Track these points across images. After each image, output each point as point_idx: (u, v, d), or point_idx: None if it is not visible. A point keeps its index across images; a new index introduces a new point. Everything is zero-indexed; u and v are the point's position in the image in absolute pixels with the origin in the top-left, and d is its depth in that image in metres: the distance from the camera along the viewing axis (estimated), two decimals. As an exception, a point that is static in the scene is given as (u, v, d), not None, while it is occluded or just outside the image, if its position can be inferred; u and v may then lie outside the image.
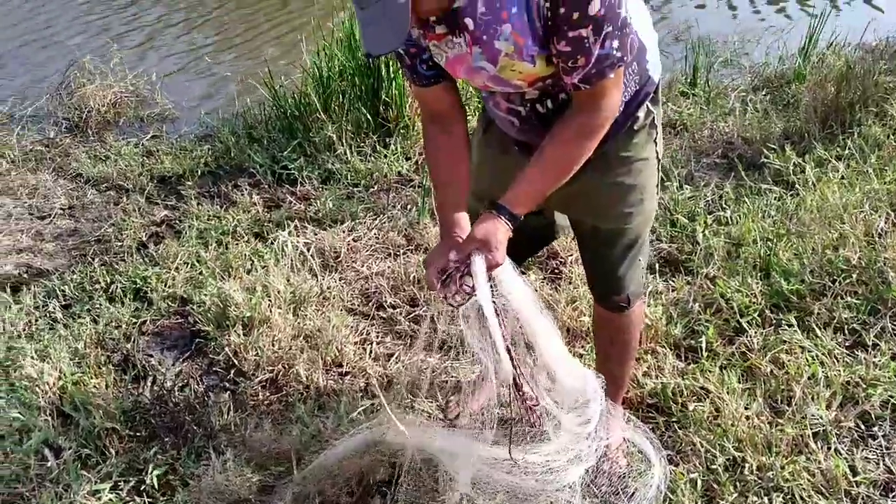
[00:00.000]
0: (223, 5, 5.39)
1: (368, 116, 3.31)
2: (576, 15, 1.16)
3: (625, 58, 1.26)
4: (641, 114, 1.45)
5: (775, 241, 2.38)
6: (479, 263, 1.30)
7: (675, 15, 5.11)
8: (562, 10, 1.16)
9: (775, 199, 2.64)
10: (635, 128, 1.45)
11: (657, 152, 1.52)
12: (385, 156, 3.19)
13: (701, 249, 2.43)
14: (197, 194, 3.03)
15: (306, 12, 4.82)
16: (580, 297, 2.23)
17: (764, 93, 3.61)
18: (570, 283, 2.35)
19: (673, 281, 2.35)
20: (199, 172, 3.21)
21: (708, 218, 2.60)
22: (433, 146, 1.49)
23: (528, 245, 1.74)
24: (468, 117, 1.56)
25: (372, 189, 3.04)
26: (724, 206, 2.67)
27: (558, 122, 1.34)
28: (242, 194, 3.00)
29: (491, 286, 1.33)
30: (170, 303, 2.38)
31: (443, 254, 1.35)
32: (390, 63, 3.24)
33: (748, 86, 3.75)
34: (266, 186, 3.08)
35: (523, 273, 2.39)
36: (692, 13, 5.06)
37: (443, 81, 1.42)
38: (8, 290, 2.43)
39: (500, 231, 1.32)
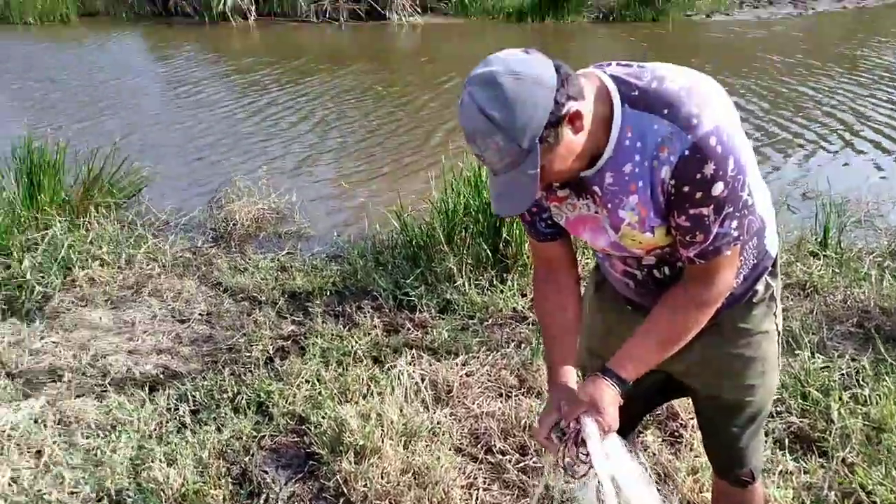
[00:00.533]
0: (366, 139, 5.84)
1: (488, 252, 3.43)
2: (699, 194, 1.20)
3: (741, 237, 1.28)
4: (760, 287, 1.45)
5: (922, 430, 2.21)
6: (591, 428, 1.30)
7: (803, 172, 5.06)
8: (686, 189, 1.20)
9: (921, 381, 2.47)
10: (754, 301, 1.45)
11: (777, 325, 1.51)
12: (501, 291, 3.27)
13: (836, 429, 2.28)
14: (322, 312, 3.19)
15: (440, 150, 5.16)
16: (702, 467, 2.13)
17: (903, 261, 3.46)
18: (691, 449, 2.25)
19: (805, 461, 2.20)
20: (327, 291, 3.39)
21: (843, 394, 2.44)
22: (543, 297, 1.52)
23: (642, 403, 1.70)
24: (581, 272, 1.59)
25: (486, 322, 3.10)
26: (861, 382, 2.52)
27: (671, 292, 1.36)
28: (364, 316, 3.13)
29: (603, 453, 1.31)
30: (288, 420, 2.47)
31: (551, 414, 1.36)
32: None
33: (885, 250, 3.60)
34: (387, 310, 3.21)
35: (640, 433, 2.35)
36: (819, 170, 5.00)
37: (559, 238, 1.48)
38: (146, 389, 2.62)
39: (606, 395, 1.33)
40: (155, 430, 2.42)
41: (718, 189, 1.19)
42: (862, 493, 2.03)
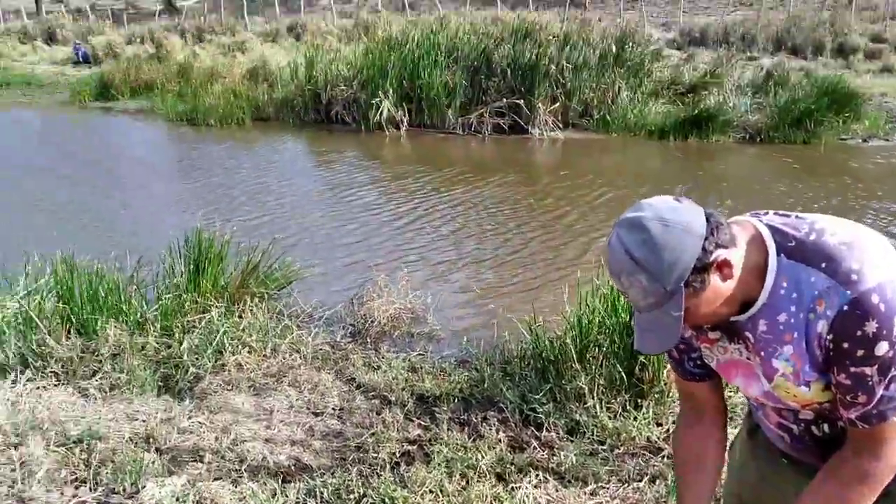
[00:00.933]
0: (503, 248, 6.00)
1: (623, 374, 3.32)
2: (860, 352, 1.15)
3: None
4: None
5: None
6: None
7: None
8: (846, 345, 1.16)
9: None
10: None
11: None
12: (635, 417, 3.14)
13: None
14: (448, 419, 3.20)
15: (576, 264, 5.18)
16: None
17: None
18: None
19: None
20: (454, 398, 3.41)
21: None
22: (683, 441, 1.49)
23: None
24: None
25: (617, 450, 2.97)
26: None
27: (833, 459, 1.27)
28: (490, 429, 3.10)
29: None
30: (413, 530, 2.46)
31: None
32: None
33: None
34: (513, 425, 3.17)
35: None
36: None
37: (708, 380, 1.44)
38: (279, 479, 2.72)
39: None
40: (283, 523, 2.48)
41: (883, 349, 1.14)
42: None
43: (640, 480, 2.73)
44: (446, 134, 10.60)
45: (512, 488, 2.65)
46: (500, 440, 3.04)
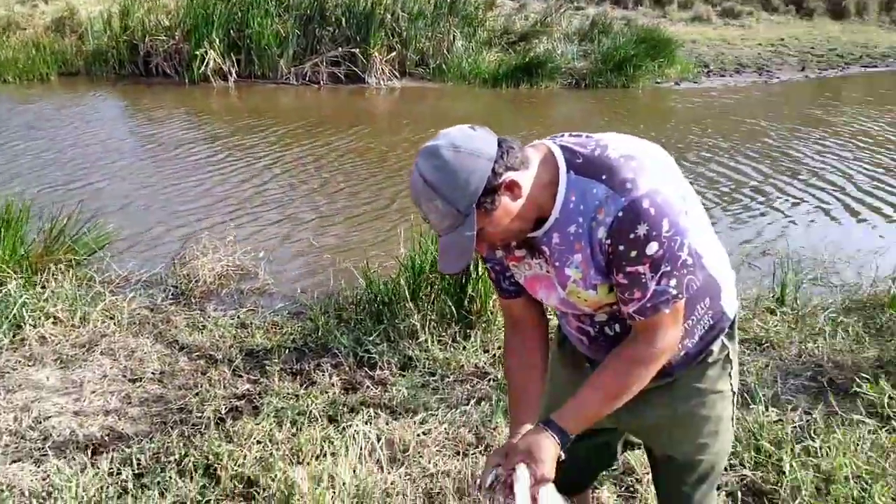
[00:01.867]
0: (337, 198, 5.90)
1: (453, 307, 3.42)
2: (633, 253, 1.26)
3: (680, 295, 1.32)
4: (716, 348, 1.48)
5: (870, 481, 2.20)
6: (522, 477, 1.31)
7: (763, 230, 5.16)
8: (621, 248, 1.27)
9: (869, 432, 2.47)
10: (709, 360, 1.48)
11: (732, 385, 1.53)
12: (464, 347, 3.25)
13: (787, 482, 2.27)
14: (280, 370, 3.15)
15: (409, 209, 5.20)
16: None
17: (856, 317, 3.50)
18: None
19: (757, 516, 2.18)
20: (286, 349, 3.35)
21: (796, 447, 2.44)
22: (510, 354, 1.57)
23: (583, 468, 1.72)
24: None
25: (448, 379, 3.07)
26: (813, 434, 2.52)
27: (618, 347, 1.40)
28: (323, 374, 3.09)
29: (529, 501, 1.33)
30: (237, 483, 2.40)
31: (492, 464, 1.39)
32: (479, 261, 3.41)
33: (839, 307, 3.66)
34: (346, 368, 3.17)
35: (595, 489, 2.31)
36: (779, 229, 5.10)
37: (524, 295, 1.53)
38: (89, 452, 2.54)
39: (544, 445, 1.35)
40: (94, 496, 2.32)
41: (653, 249, 1.25)
42: (811, 549, 2.00)
43: (468, 404, 2.84)
44: (279, 84, 10.17)
45: (343, 428, 2.66)
46: (333, 384, 3.03)
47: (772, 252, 4.53)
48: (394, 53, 10.52)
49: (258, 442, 2.59)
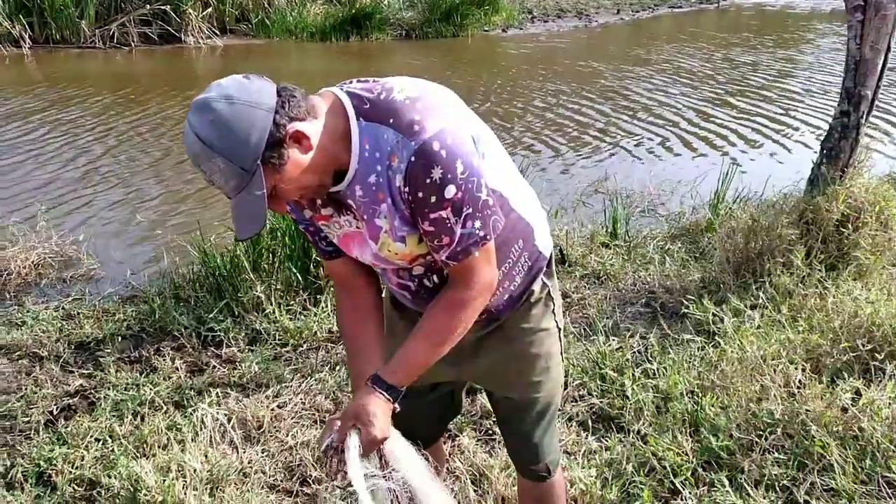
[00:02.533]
0: (160, 169, 5.49)
1: (298, 276, 3.31)
2: (433, 199, 1.23)
3: (489, 236, 1.31)
4: (536, 287, 1.51)
5: (701, 394, 2.41)
6: (352, 445, 1.29)
7: (594, 169, 5.44)
8: (420, 195, 1.23)
9: (698, 349, 2.69)
10: (532, 300, 1.51)
11: (557, 322, 1.58)
12: (315, 314, 3.16)
13: (631, 404, 2.43)
14: (116, 360, 2.91)
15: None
16: (513, 462, 2.17)
17: (680, 243, 3.80)
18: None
19: (606, 439, 2.33)
20: (121, 337, 3.09)
21: (636, 371, 2.62)
22: (343, 314, 1.53)
23: (430, 421, 1.73)
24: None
25: (301, 349, 2.98)
26: (650, 357, 2.71)
27: (438, 295, 1.39)
28: (164, 359, 2.89)
29: (380, 463, 1.33)
30: (76, 487, 2.20)
31: (327, 431, 1.35)
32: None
33: (666, 235, 3.95)
34: (190, 350, 2.98)
35: (456, 437, 2.36)
36: (609, 166, 5.41)
37: (343, 255, 1.47)
38: None
39: (372, 403, 1.33)
40: None
41: (451, 192, 1.22)
42: (654, 461, 2.16)
43: (322, 371, 2.78)
44: (83, 49, 9.21)
45: (191, 412, 2.50)
46: (177, 368, 2.84)
47: (603, 190, 4.80)
48: (210, 9, 9.85)
49: (97, 440, 2.38)
